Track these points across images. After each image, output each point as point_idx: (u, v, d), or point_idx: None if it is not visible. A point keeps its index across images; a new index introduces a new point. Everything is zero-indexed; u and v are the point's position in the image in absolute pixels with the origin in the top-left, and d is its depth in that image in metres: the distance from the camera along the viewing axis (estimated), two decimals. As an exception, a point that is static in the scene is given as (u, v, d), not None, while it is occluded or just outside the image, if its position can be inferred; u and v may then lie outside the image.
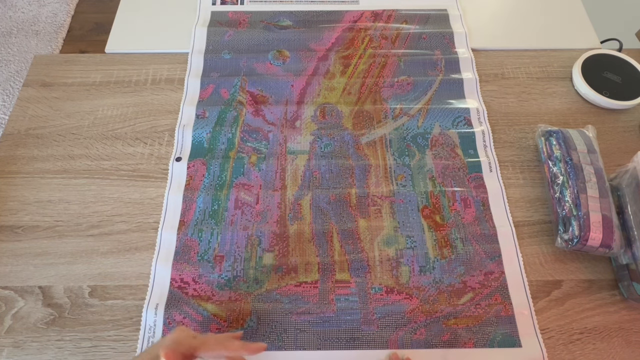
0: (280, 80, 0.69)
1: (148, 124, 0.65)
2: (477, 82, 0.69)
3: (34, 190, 0.59)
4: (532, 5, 0.79)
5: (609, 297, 0.53)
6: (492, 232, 0.56)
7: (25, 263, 0.54)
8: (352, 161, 0.62)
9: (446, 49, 0.72)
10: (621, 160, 0.61)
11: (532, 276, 0.54)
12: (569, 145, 0.57)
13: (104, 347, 0.50)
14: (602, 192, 0.53)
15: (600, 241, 0.50)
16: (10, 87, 1.45)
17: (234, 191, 0.59)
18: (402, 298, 0.52)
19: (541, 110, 0.67)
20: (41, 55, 0.72)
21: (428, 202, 0.59)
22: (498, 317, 0.51)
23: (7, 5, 1.63)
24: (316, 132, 0.64)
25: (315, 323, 0.51)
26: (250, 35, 0.73)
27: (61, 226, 0.57)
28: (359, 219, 0.57)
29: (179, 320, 0.51)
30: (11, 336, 0.50)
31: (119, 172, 0.61)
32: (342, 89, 0.68)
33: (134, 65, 0.70)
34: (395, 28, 0.75)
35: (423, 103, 0.67)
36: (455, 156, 0.62)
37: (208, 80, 0.69)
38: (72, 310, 0.52)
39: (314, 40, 0.73)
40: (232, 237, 0.56)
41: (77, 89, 0.68)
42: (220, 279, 0.53)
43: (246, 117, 0.65)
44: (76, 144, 0.63)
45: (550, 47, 0.74)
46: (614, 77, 0.68)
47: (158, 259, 0.54)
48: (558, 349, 0.50)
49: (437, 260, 0.55)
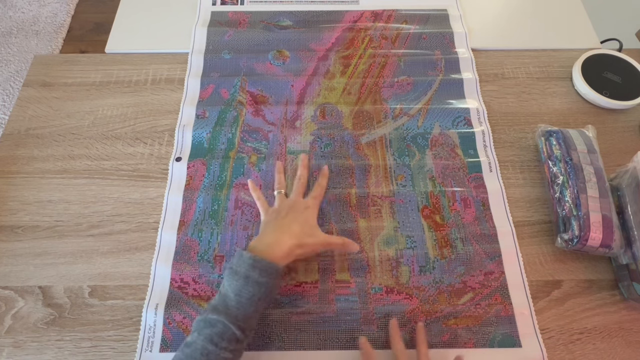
0: (280, 80, 0.69)
1: (148, 124, 0.65)
2: (477, 82, 0.69)
3: (34, 190, 0.59)
4: (532, 5, 0.79)
5: (609, 297, 0.53)
6: (492, 232, 0.56)
7: (25, 263, 0.54)
8: (352, 161, 0.62)
9: (446, 49, 0.72)
10: (621, 160, 0.61)
11: (532, 276, 0.54)
12: (569, 145, 0.57)
13: (104, 347, 0.50)
14: (602, 192, 0.53)
15: (600, 241, 0.50)
16: (10, 87, 1.45)
17: (234, 191, 0.59)
18: (402, 298, 0.52)
19: (541, 110, 0.67)
20: (41, 55, 0.72)
21: (428, 202, 0.59)
22: (498, 317, 0.51)
23: (7, 5, 1.63)
24: (316, 132, 0.64)
25: (315, 323, 0.51)
26: (250, 35, 0.73)
27: (61, 226, 0.57)
28: (359, 219, 0.57)
29: (179, 320, 0.51)
30: (11, 336, 0.50)
31: (119, 172, 0.61)
32: (342, 89, 0.68)
33: (134, 65, 0.70)
34: (395, 28, 0.75)
35: (423, 103, 0.67)
36: (455, 156, 0.62)
37: (208, 80, 0.69)
38: (72, 310, 0.52)
39: (314, 40, 0.73)
40: (232, 237, 0.56)
41: (77, 89, 0.68)
42: (220, 279, 0.53)
43: (246, 117, 0.65)
44: (76, 144, 0.63)
45: (550, 47, 0.74)
46: (614, 77, 0.68)
47: (158, 259, 0.54)
48: (558, 349, 0.50)
49: (437, 260, 0.55)
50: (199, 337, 0.41)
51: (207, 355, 0.40)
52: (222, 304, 0.43)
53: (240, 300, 0.43)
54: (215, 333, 0.41)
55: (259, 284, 0.43)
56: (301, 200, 0.55)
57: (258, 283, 0.43)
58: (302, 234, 0.50)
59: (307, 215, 0.53)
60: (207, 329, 0.41)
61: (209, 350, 0.40)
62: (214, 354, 0.40)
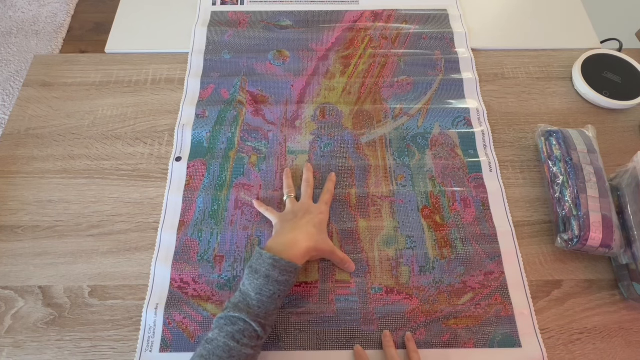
0: (280, 80, 0.69)
1: (148, 124, 0.65)
2: (477, 82, 0.69)
3: (34, 190, 0.59)
4: (532, 5, 0.79)
5: (609, 297, 0.53)
6: (492, 232, 0.56)
7: (25, 263, 0.54)
8: (352, 161, 0.62)
9: (446, 49, 0.72)
10: (621, 160, 0.61)
11: (532, 276, 0.54)
12: (569, 145, 0.57)
13: (104, 347, 0.50)
14: (602, 192, 0.53)
15: (600, 241, 0.50)
16: (10, 87, 1.45)
17: (234, 191, 0.59)
18: (402, 298, 0.52)
19: (541, 110, 0.67)
20: (41, 55, 0.72)
21: (428, 202, 0.59)
22: (498, 317, 0.51)
23: (7, 5, 1.63)
24: (316, 132, 0.64)
25: (315, 323, 0.51)
26: (250, 35, 0.73)
27: (61, 226, 0.57)
28: (359, 219, 0.57)
29: (179, 320, 0.51)
30: (11, 336, 0.50)
31: (119, 172, 0.61)
32: (342, 89, 0.68)
33: (134, 65, 0.70)
34: (395, 28, 0.75)
35: (423, 103, 0.67)
36: (455, 156, 0.62)
37: (208, 80, 0.69)
38: (72, 310, 0.52)
39: (314, 40, 0.73)
40: (232, 237, 0.56)
41: (77, 89, 0.68)
42: (220, 279, 0.53)
43: (246, 117, 0.65)
44: (76, 144, 0.63)
45: (550, 47, 0.74)
46: (614, 77, 0.68)
47: (158, 259, 0.54)
48: (558, 349, 0.50)
49: (437, 261, 0.55)
50: (220, 334, 0.42)
51: (229, 352, 0.41)
52: (244, 302, 0.44)
53: (261, 299, 0.44)
54: (236, 330, 0.42)
55: (279, 282, 0.45)
56: (314, 205, 0.56)
57: (278, 281, 0.45)
58: (318, 237, 0.51)
59: (322, 220, 0.54)
60: (229, 327, 0.42)
61: (230, 346, 0.41)
62: (236, 350, 0.41)
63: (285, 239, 0.49)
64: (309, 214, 0.53)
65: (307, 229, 0.51)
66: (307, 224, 0.51)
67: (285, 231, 0.51)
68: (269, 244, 0.49)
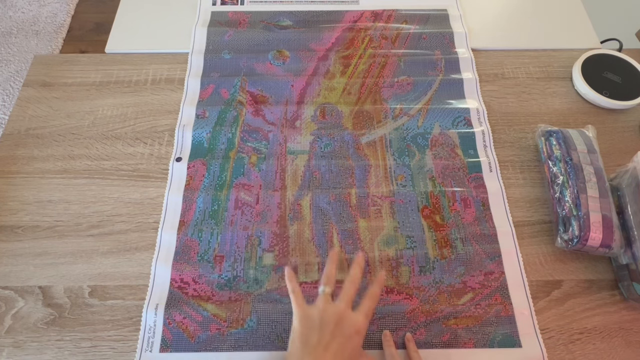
0: (280, 80, 0.69)
1: (148, 124, 0.65)
2: (477, 82, 0.69)
3: (34, 190, 0.59)
4: (532, 5, 0.79)
5: (609, 297, 0.53)
6: (492, 232, 0.56)
7: (25, 263, 0.54)
8: (352, 161, 0.62)
9: (446, 49, 0.72)
10: (621, 160, 0.61)
11: (532, 276, 0.54)
12: (569, 145, 0.57)
13: (104, 347, 0.50)
14: (602, 192, 0.53)
15: (600, 241, 0.50)
16: (10, 87, 1.45)
17: (234, 191, 0.59)
18: (402, 298, 0.52)
19: (541, 110, 0.67)
20: (41, 55, 0.72)
21: (428, 202, 0.59)
22: (498, 317, 0.51)
23: (7, 5, 1.63)
24: (316, 132, 0.64)
25: (315, 323, 0.51)
26: (250, 35, 0.73)
27: (61, 226, 0.57)
28: (359, 219, 0.57)
29: (179, 320, 0.51)
30: (11, 336, 0.50)
31: (119, 172, 0.61)
32: (342, 89, 0.68)
33: (134, 65, 0.70)
34: (395, 28, 0.75)
35: (423, 103, 0.67)
36: (455, 156, 0.62)
37: (208, 80, 0.69)
38: (72, 310, 0.52)
39: (314, 40, 0.73)
40: (232, 237, 0.56)
41: (77, 89, 0.68)
42: (220, 279, 0.53)
43: (246, 117, 0.65)
44: (76, 144, 0.63)
45: (550, 47, 0.74)
46: (614, 77, 0.68)
47: (158, 259, 0.54)
48: (558, 349, 0.50)
49: (437, 261, 0.55)
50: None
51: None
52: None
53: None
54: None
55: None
56: (351, 316, 0.43)
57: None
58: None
59: (355, 344, 0.42)
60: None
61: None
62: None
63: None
64: (340, 337, 0.41)
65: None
66: (333, 357, 0.40)
67: (302, 354, 0.41)
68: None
